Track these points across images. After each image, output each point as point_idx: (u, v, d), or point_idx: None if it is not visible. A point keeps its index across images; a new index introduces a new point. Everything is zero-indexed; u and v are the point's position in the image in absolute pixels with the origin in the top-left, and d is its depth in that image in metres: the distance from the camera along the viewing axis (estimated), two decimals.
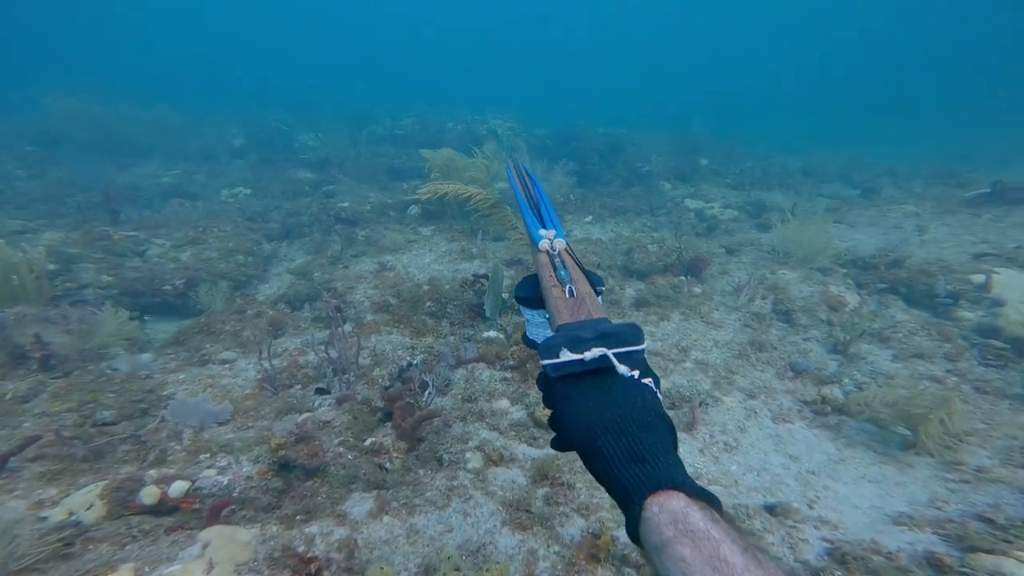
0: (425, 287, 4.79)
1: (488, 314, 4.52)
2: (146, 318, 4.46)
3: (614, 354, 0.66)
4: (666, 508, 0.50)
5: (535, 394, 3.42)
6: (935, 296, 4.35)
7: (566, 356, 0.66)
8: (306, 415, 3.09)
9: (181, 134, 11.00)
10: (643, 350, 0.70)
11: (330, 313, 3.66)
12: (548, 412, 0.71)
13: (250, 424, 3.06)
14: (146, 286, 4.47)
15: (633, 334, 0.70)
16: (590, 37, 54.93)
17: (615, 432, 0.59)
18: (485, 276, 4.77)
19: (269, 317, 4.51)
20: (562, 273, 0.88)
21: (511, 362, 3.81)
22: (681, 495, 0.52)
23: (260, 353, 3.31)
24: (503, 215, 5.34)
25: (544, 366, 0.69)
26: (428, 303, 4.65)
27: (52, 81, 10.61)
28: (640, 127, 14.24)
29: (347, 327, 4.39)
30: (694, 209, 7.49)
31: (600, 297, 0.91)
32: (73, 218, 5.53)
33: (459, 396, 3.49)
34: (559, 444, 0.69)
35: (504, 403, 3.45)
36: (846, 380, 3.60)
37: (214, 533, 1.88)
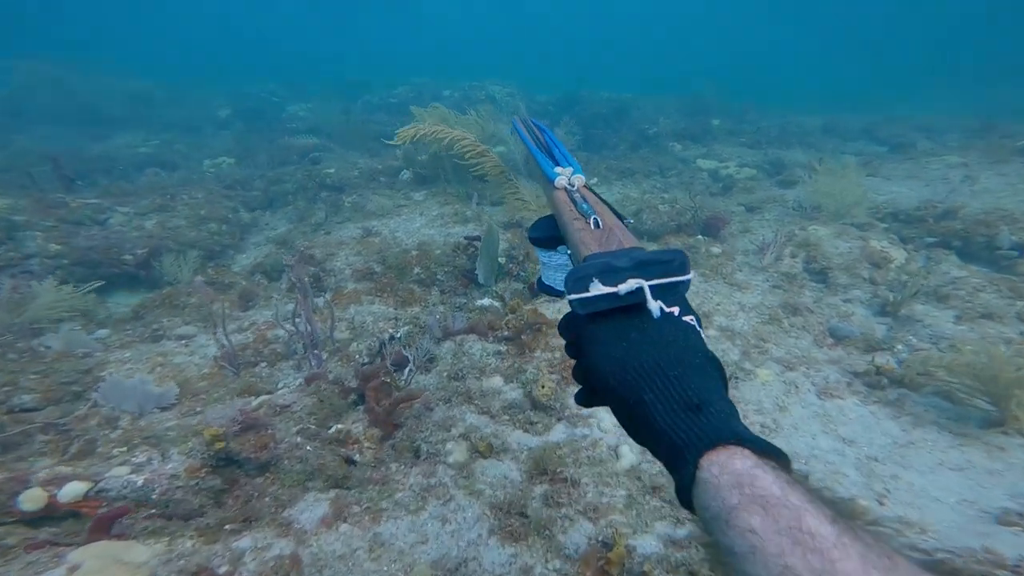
0: (413, 252, 4.20)
1: (482, 280, 3.94)
2: (100, 291, 3.93)
3: (653, 286, 0.54)
4: (728, 468, 0.40)
5: (533, 370, 2.86)
6: (997, 248, 3.69)
7: (597, 289, 0.54)
8: (263, 397, 2.57)
9: (164, 106, 10.30)
10: (688, 281, 0.57)
11: (294, 279, 3.09)
12: (572, 362, 0.60)
13: (199, 409, 2.55)
14: (102, 255, 3.92)
15: (677, 262, 0.56)
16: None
17: (659, 376, 0.48)
18: (478, 238, 4.15)
19: (240, 288, 3.96)
20: (584, 207, 0.75)
21: (506, 333, 3.24)
22: (746, 451, 0.41)
23: (216, 327, 2.77)
24: (496, 172, 4.70)
25: (571, 301, 0.55)
26: (416, 270, 4.07)
27: (22, 51, 9.86)
28: (645, 92, 13.24)
29: (326, 297, 3.83)
30: (707, 169, 6.73)
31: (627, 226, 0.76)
32: (28, 187, 4.95)
33: (445, 374, 2.94)
34: (586, 398, 0.58)
35: (497, 381, 2.89)
36: (899, 347, 3.00)
37: (92, 552, 1.38)
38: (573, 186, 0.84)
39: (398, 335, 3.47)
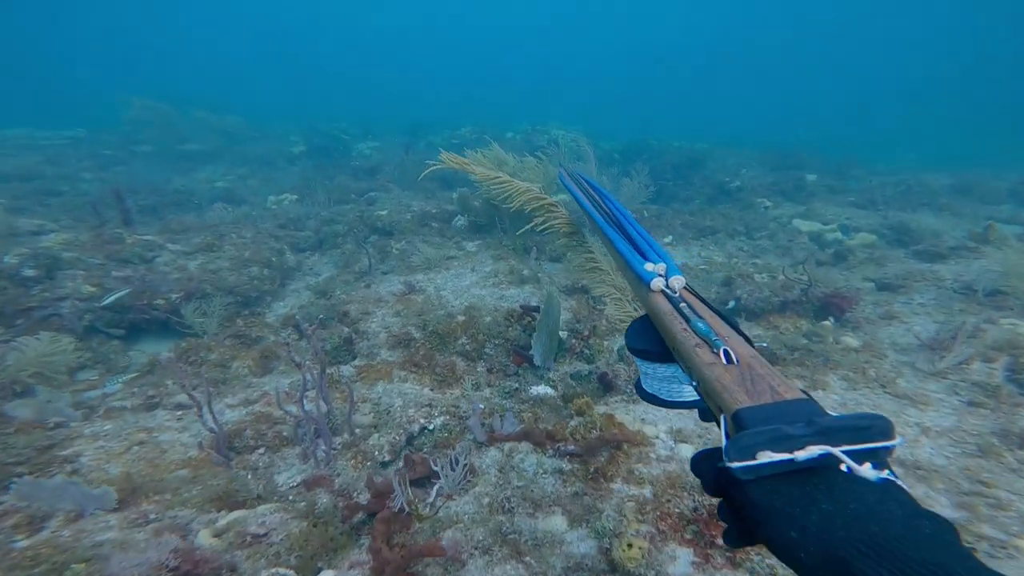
0: (459, 318, 3.60)
1: (539, 361, 3.22)
2: (128, 338, 3.67)
3: (848, 452, 0.45)
4: None
5: (612, 512, 2.04)
6: None
7: (767, 457, 0.46)
8: (234, 515, 1.95)
9: (246, 141, 11.05)
10: (893, 447, 0.47)
11: (312, 347, 2.55)
12: (716, 504, 0.54)
13: (153, 516, 1.98)
14: (133, 299, 3.70)
15: (878, 427, 0.47)
16: (663, 49, 52.82)
17: (880, 555, 0.37)
18: (537, 308, 3.48)
19: (264, 346, 3.54)
20: (700, 325, 0.66)
21: (571, 447, 2.45)
22: None
23: (201, 409, 2.26)
24: (566, 230, 4.09)
25: (733, 469, 0.47)
26: (461, 339, 3.45)
27: (135, 87, 11.09)
28: (719, 141, 12.43)
29: (351, 366, 3.29)
30: (808, 232, 5.70)
31: (759, 351, 0.64)
32: (94, 220, 5.06)
33: (486, 500, 2.20)
34: (742, 541, 0.50)
35: (558, 522, 2.09)
36: None
37: None
38: (674, 291, 0.77)
39: (430, 427, 2.80)
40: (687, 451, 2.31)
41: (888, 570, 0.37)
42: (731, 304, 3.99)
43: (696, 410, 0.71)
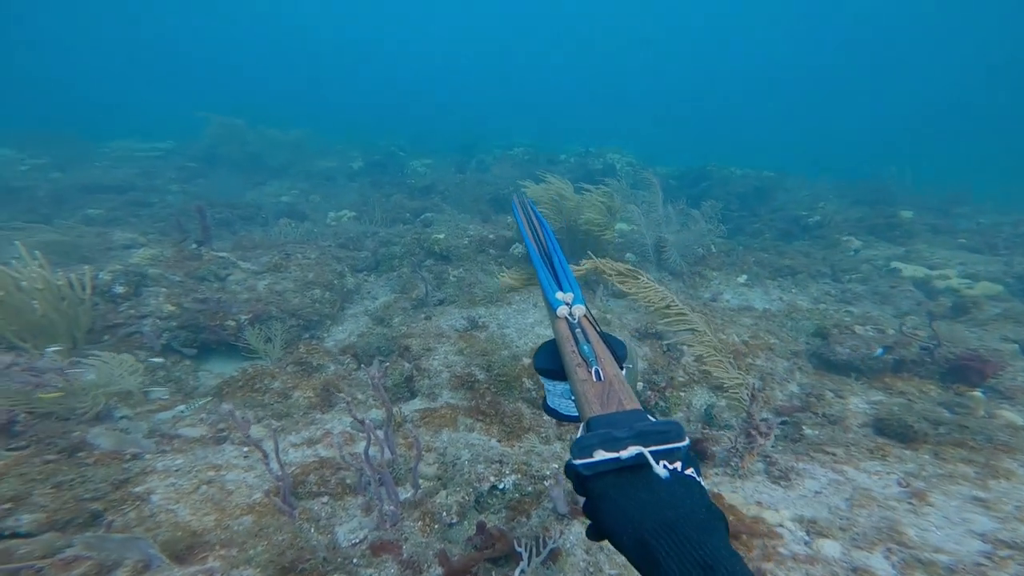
0: (525, 360, 3.40)
1: None
2: (199, 357, 3.76)
3: (653, 452, 0.59)
4: None
5: None
6: None
7: (600, 455, 0.59)
8: None
9: (310, 156, 11.60)
10: (686, 446, 0.61)
11: (377, 391, 2.41)
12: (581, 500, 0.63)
13: (218, 574, 1.87)
14: (209, 319, 3.79)
15: (673, 432, 0.62)
16: (718, 70, 51.48)
17: (669, 535, 0.52)
18: None
19: (325, 377, 3.49)
20: (585, 348, 0.81)
21: None
22: None
23: (267, 458, 2.17)
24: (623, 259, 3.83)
25: (576, 466, 0.60)
26: (527, 383, 3.24)
27: (217, 105, 11.97)
28: (785, 170, 11.69)
29: (414, 410, 3.15)
30: (912, 277, 5.08)
31: (626, 372, 0.84)
32: (178, 236, 5.35)
33: None
34: (594, 535, 0.60)
35: None
36: None
37: None
38: (574, 317, 0.90)
39: (501, 486, 2.59)
40: (832, 550, 1.93)
41: (669, 545, 0.51)
42: (878, 352, 3.46)
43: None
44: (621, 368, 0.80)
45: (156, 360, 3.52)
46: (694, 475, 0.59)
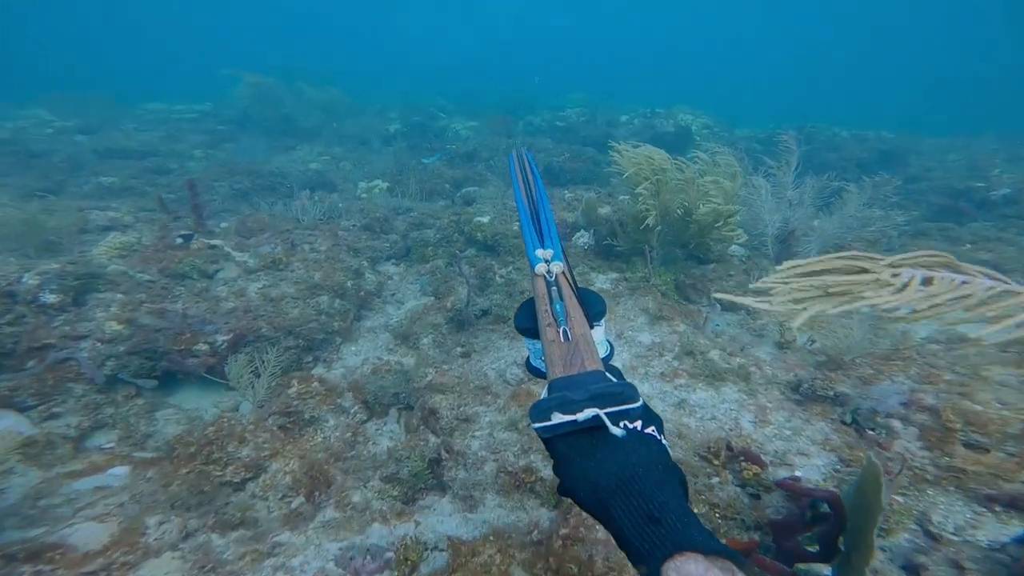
0: None
1: None
2: (165, 387, 2.68)
3: (608, 413, 0.59)
4: (684, 572, 0.45)
5: None
6: None
7: (558, 419, 0.60)
8: None
9: (345, 117, 10.27)
10: (640, 407, 0.61)
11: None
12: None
13: None
14: (171, 342, 2.68)
15: (627, 393, 0.62)
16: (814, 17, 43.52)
17: (623, 491, 0.53)
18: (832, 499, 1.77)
19: (312, 463, 2.30)
20: (557, 307, 0.79)
21: None
22: (699, 556, 0.46)
23: None
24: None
25: (536, 430, 0.61)
26: None
27: (262, 64, 10.76)
28: (908, 130, 9.01)
29: (439, 515, 1.92)
30: None
31: (603, 322, 0.87)
32: (174, 213, 4.26)
33: None
34: (562, 492, 0.60)
35: None
36: None
37: None
38: (552, 275, 0.88)
39: None
40: None
41: (622, 500, 0.52)
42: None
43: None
44: (593, 326, 0.80)
45: (96, 397, 2.48)
46: (654, 433, 0.60)
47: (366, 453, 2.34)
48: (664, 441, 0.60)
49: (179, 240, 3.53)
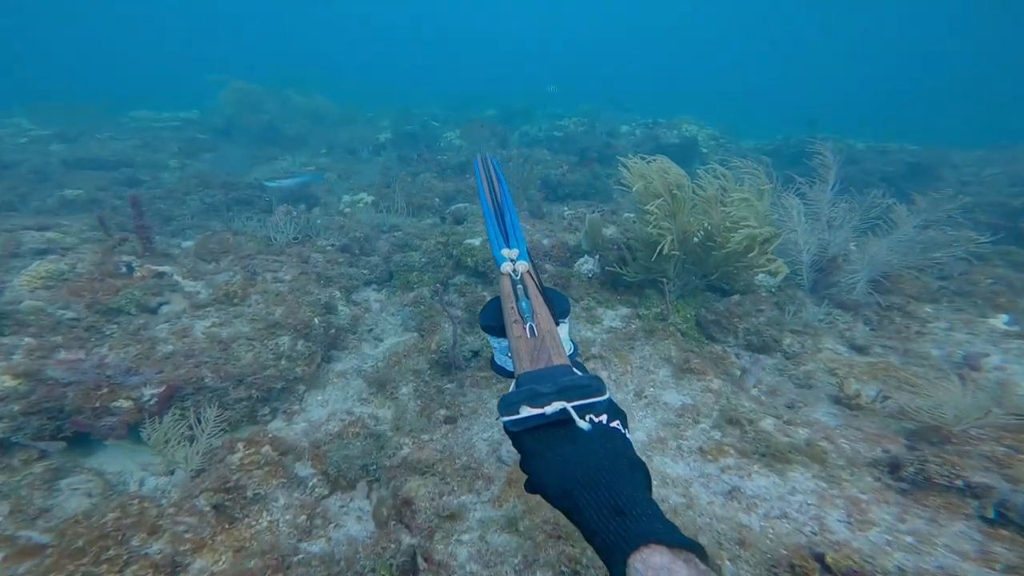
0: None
1: None
2: (82, 448, 2.17)
3: (575, 407, 0.61)
4: (650, 564, 0.46)
5: None
6: None
7: (526, 412, 0.61)
8: None
9: (334, 126, 9.86)
10: (606, 401, 0.63)
11: None
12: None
13: None
14: (81, 400, 2.18)
15: (594, 386, 0.64)
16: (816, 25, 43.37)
17: (590, 485, 0.54)
18: None
19: (251, 554, 1.80)
20: (523, 304, 0.82)
21: None
22: (664, 548, 0.47)
23: None
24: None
25: (505, 423, 0.62)
26: None
27: (239, 69, 10.33)
28: (935, 142, 8.66)
29: None
30: None
31: (568, 320, 0.92)
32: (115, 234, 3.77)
33: None
34: (530, 488, 0.61)
35: None
36: None
37: None
38: (517, 274, 0.91)
39: None
40: None
41: (588, 494, 0.53)
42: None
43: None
44: (558, 323, 0.82)
45: None
46: (619, 427, 0.61)
47: (329, 508, 1.84)
48: (628, 436, 0.62)
49: (123, 268, 3.04)
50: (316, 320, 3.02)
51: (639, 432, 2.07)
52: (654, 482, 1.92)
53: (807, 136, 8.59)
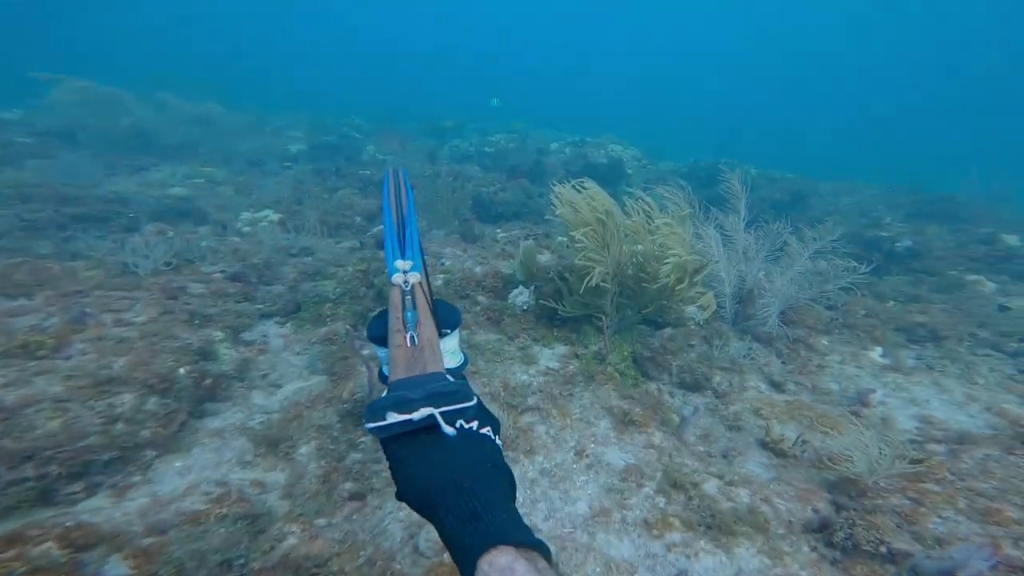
0: None
1: None
2: None
3: (443, 412, 0.61)
4: (495, 565, 0.47)
5: None
6: None
7: (393, 418, 0.61)
8: None
9: (233, 135, 8.67)
10: (474, 406, 0.64)
11: None
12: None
13: None
14: None
15: (463, 392, 0.65)
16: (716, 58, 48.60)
17: (452, 490, 0.55)
18: None
19: None
20: (408, 315, 0.84)
21: None
22: (510, 549, 0.49)
23: None
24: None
25: (370, 430, 0.63)
26: None
27: (78, 68, 8.62)
28: (809, 173, 9.98)
29: None
30: None
31: (458, 332, 0.93)
32: None
33: None
34: (399, 497, 0.61)
35: None
36: None
37: None
38: (408, 284, 0.95)
39: None
40: None
41: (448, 499, 0.53)
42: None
43: None
44: (443, 335, 0.85)
45: None
46: (489, 433, 0.63)
47: None
48: (498, 441, 0.64)
49: None
50: (182, 371, 2.32)
51: (580, 503, 1.77)
52: (597, 568, 1.56)
53: (715, 160, 9.46)
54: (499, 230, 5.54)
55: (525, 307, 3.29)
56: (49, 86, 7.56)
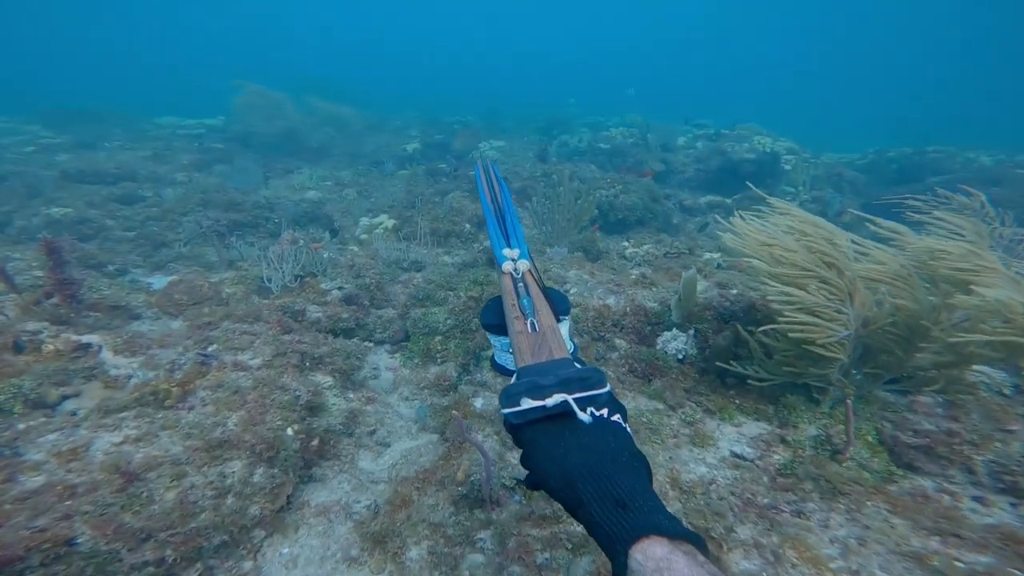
0: None
1: None
2: None
3: (576, 399, 0.61)
4: (650, 556, 0.46)
5: None
6: None
7: (527, 404, 0.61)
8: None
9: (358, 135, 9.12)
10: (608, 393, 0.63)
11: None
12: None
13: None
14: None
15: (595, 378, 0.64)
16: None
17: (592, 477, 0.54)
18: None
19: None
20: (525, 302, 0.83)
21: None
22: (664, 540, 0.47)
23: None
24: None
25: (504, 415, 0.62)
26: None
27: (258, 75, 9.74)
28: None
29: None
30: None
31: (568, 319, 0.91)
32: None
33: None
34: (530, 483, 0.60)
35: None
36: None
37: None
38: (519, 272, 0.91)
39: None
40: None
41: (594, 485, 0.52)
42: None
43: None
44: (559, 320, 0.82)
45: None
46: (620, 421, 0.60)
47: None
48: (628, 428, 0.61)
49: (22, 342, 2.15)
50: (289, 431, 2.02)
51: None
52: None
53: (919, 148, 7.13)
54: (625, 242, 4.67)
55: (681, 356, 2.44)
56: (235, 91, 8.70)
